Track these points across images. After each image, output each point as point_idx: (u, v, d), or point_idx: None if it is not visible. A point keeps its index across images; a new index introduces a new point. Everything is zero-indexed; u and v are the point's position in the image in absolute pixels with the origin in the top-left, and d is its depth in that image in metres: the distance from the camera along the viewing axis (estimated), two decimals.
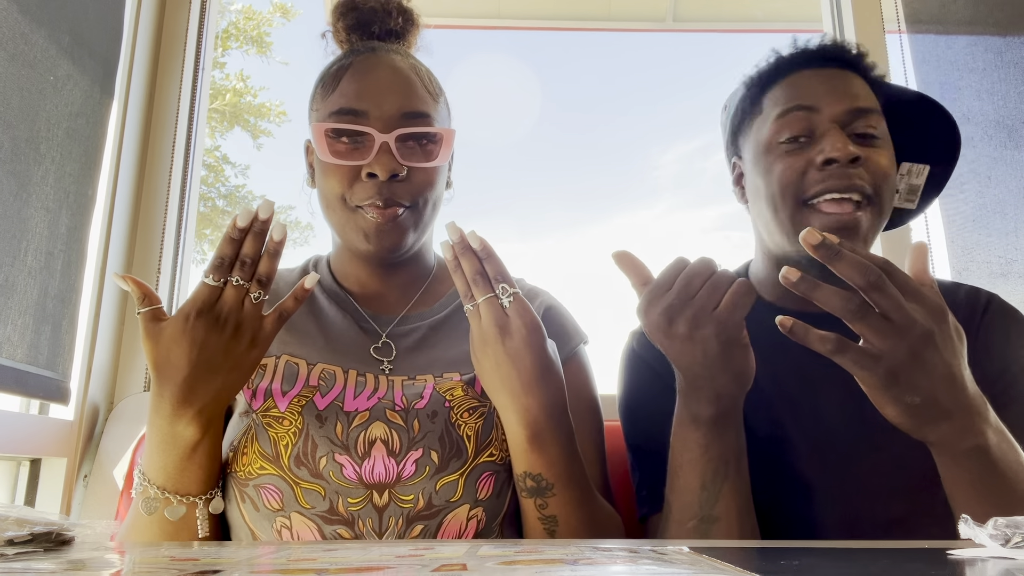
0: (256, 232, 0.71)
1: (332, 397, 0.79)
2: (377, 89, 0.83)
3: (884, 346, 0.64)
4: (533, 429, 0.74)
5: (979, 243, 1.50)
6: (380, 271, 0.90)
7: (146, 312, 0.70)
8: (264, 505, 0.75)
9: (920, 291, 0.65)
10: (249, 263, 0.71)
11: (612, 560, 0.43)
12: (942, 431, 0.66)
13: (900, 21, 1.68)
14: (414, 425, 0.77)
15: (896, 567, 0.44)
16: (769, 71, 0.89)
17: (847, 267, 0.64)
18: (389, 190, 0.81)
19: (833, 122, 0.82)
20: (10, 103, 1.06)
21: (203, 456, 0.74)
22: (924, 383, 0.64)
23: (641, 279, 0.76)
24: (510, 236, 15.97)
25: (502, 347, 0.73)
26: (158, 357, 0.69)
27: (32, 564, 0.43)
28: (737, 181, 0.96)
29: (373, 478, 0.74)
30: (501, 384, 0.74)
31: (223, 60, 7.64)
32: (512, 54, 12.69)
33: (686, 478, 0.76)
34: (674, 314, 0.71)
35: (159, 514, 0.73)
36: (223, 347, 0.70)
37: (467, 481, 0.77)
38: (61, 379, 1.21)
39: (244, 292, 0.71)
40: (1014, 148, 1.43)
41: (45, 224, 1.15)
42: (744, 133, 0.91)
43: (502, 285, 0.74)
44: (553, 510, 0.76)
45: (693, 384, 0.74)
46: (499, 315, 0.73)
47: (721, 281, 0.71)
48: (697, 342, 0.70)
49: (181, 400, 0.69)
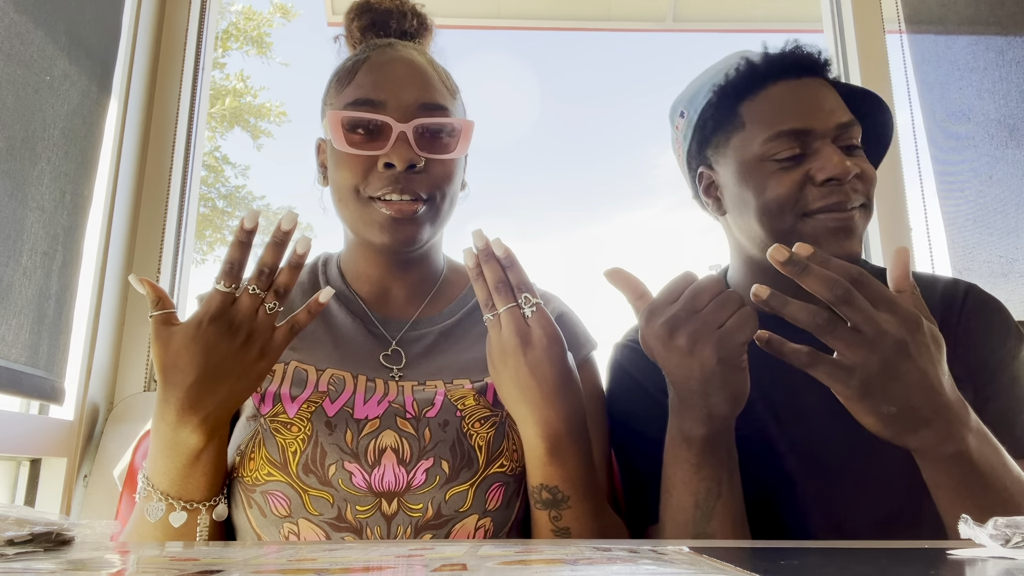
0: (277, 242, 0.71)
1: (342, 403, 0.78)
2: (395, 80, 0.82)
3: (856, 358, 0.64)
4: (553, 441, 0.73)
5: (980, 242, 1.50)
6: (391, 269, 0.89)
7: (158, 315, 0.70)
8: (272, 512, 0.74)
9: (893, 301, 0.65)
10: (267, 273, 0.70)
11: (612, 560, 0.43)
12: (922, 438, 0.66)
13: (900, 21, 1.68)
14: (425, 434, 0.77)
15: (896, 567, 0.44)
16: (742, 81, 0.87)
17: (815, 281, 0.65)
18: (406, 180, 0.80)
19: (824, 138, 0.82)
20: (6, 102, 1.06)
21: (207, 464, 0.73)
22: (899, 393, 0.65)
23: (636, 293, 0.76)
24: (509, 235, 15.87)
25: (523, 358, 0.72)
26: (166, 361, 0.68)
27: (32, 564, 0.43)
28: (707, 192, 0.94)
29: (383, 486, 0.74)
30: (521, 395, 0.73)
31: (223, 61, 7.64)
32: (512, 54, 12.70)
33: (679, 497, 0.75)
34: (677, 326, 0.70)
35: (162, 520, 0.72)
36: (233, 355, 0.69)
37: (477, 491, 0.76)
38: (56, 379, 1.21)
39: (259, 301, 0.70)
40: (1015, 147, 1.43)
41: (41, 224, 1.15)
42: (718, 145, 0.90)
43: (524, 295, 0.73)
44: (567, 522, 0.75)
45: (685, 402, 0.73)
46: (520, 325, 0.72)
47: (729, 300, 0.70)
48: (696, 357, 0.69)
49: (187, 406, 0.69)
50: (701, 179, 0.94)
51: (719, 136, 0.89)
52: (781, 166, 0.83)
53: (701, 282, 0.72)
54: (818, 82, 0.86)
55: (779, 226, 0.83)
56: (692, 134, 0.93)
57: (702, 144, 0.92)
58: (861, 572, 0.42)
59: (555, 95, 15.88)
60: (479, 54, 9.60)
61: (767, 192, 0.83)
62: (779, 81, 0.86)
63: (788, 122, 0.83)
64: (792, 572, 0.41)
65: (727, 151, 0.88)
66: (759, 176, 0.84)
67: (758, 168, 0.84)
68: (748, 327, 0.70)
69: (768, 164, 0.84)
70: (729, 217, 0.92)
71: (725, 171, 0.89)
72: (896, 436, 0.67)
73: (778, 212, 0.83)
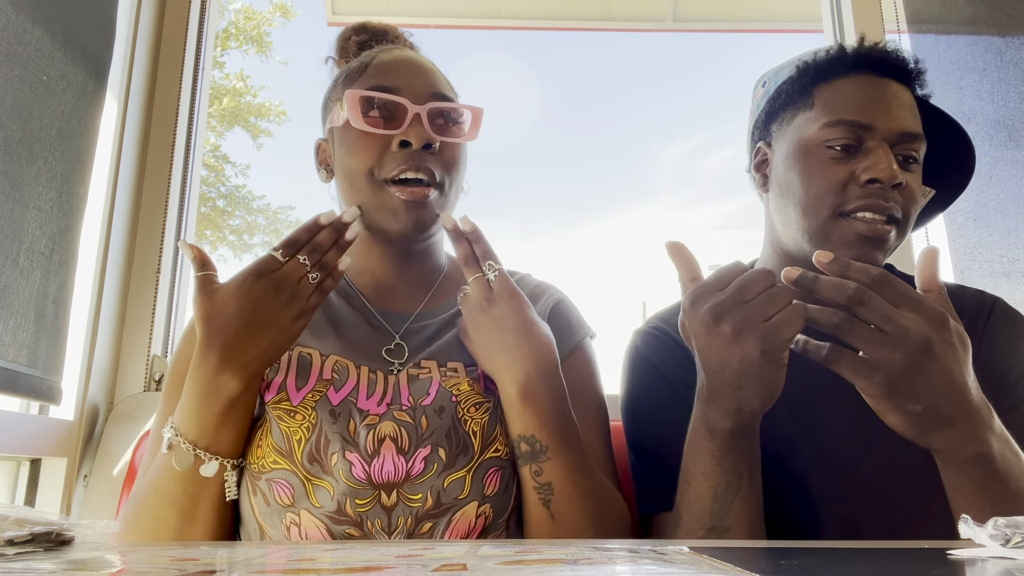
0: (335, 228, 0.78)
1: (346, 392, 0.80)
2: (406, 71, 0.86)
3: (879, 356, 0.64)
4: (524, 386, 0.77)
5: (981, 242, 1.50)
6: (396, 262, 0.90)
7: (203, 275, 0.76)
8: (275, 500, 0.75)
9: (918, 300, 0.65)
10: (319, 250, 0.77)
11: (612, 560, 0.43)
12: (946, 439, 0.66)
13: (900, 21, 1.68)
14: (422, 422, 0.78)
15: (896, 567, 0.44)
16: (828, 63, 0.87)
17: (823, 289, 0.66)
18: (421, 159, 0.82)
19: (883, 140, 0.82)
20: (3, 102, 1.06)
21: (239, 415, 0.77)
22: (924, 391, 0.64)
23: (691, 274, 0.76)
24: (510, 234, 15.96)
25: (489, 314, 0.79)
26: (212, 310, 0.74)
27: (32, 564, 0.43)
28: (759, 167, 0.94)
29: (382, 477, 0.75)
30: (494, 347, 0.79)
31: (222, 60, 7.63)
32: (512, 54, 12.69)
33: (698, 488, 0.75)
34: (723, 313, 0.69)
35: (187, 472, 0.75)
36: (275, 310, 0.74)
37: (474, 477, 0.77)
38: (53, 379, 1.21)
39: (305, 270, 0.76)
40: (1015, 148, 1.43)
41: (38, 224, 1.15)
42: (782, 120, 0.90)
43: (488, 263, 0.80)
44: (548, 476, 0.77)
45: (716, 392, 0.72)
46: (485, 289, 0.80)
47: (780, 295, 0.69)
48: (738, 347, 0.69)
49: (231, 350, 0.73)
50: (757, 153, 0.94)
51: (787, 111, 0.89)
52: (832, 155, 0.83)
53: (752, 273, 0.71)
54: (900, 87, 0.85)
55: (815, 219, 0.83)
56: (765, 105, 0.93)
57: (770, 116, 0.92)
58: (861, 572, 0.42)
59: (555, 95, 15.88)
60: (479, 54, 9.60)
61: (812, 180, 0.83)
62: (861, 73, 0.85)
63: (852, 113, 0.83)
64: (792, 572, 0.41)
65: (789, 128, 0.88)
66: (809, 160, 0.84)
67: (811, 152, 0.84)
68: (796, 323, 0.69)
69: (821, 151, 0.83)
70: (771, 197, 0.91)
71: (780, 149, 0.89)
72: (920, 436, 0.67)
73: (816, 204, 0.82)
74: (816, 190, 0.83)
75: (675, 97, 16.32)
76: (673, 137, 17.33)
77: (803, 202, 0.84)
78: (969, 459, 0.66)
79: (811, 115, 0.86)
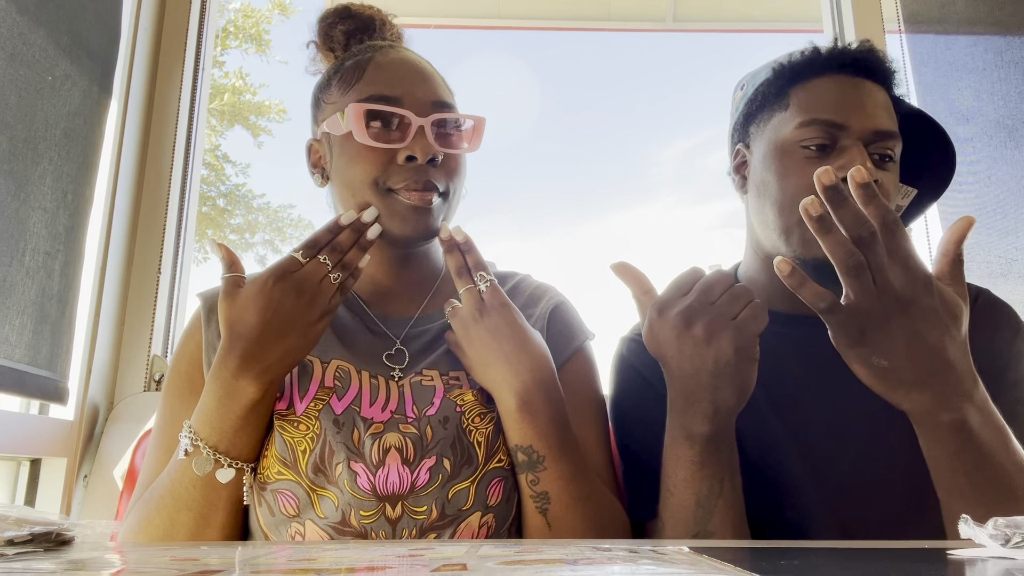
0: (355, 229, 0.78)
1: (349, 400, 0.79)
2: (406, 78, 0.85)
3: (860, 303, 0.65)
4: (522, 397, 0.76)
5: (979, 243, 1.50)
6: (394, 268, 0.90)
7: (230, 277, 0.75)
8: (280, 511, 0.75)
9: (909, 258, 0.65)
10: (340, 251, 0.77)
11: (612, 560, 0.43)
12: (914, 400, 0.67)
13: (900, 21, 1.68)
14: (427, 432, 0.77)
15: (896, 567, 0.44)
16: (803, 64, 0.87)
17: (848, 215, 0.65)
18: (426, 173, 0.82)
19: (857, 139, 0.82)
20: (8, 103, 1.06)
21: (258, 420, 0.76)
22: (891, 347, 0.66)
23: (642, 288, 0.78)
24: (510, 234, 15.96)
25: (482, 326, 0.78)
26: (233, 314, 0.73)
27: (32, 564, 0.43)
28: (738, 169, 0.95)
29: (387, 488, 0.74)
30: (489, 359, 0.78)
31: (222, 59, 7.63)
32: (512, 54, 12.70)
33: (680, 496, 0.75)
34: (693, 316, 0.71)
35: (207, 477, 0.74)
36: (296, 313, 0.73)
37: (478, 488, 0.77)
38: (59, 379, 1.21)
39: (326, 270, 0.76)
40: (1014, 148, 1.43)
41: (43, 224, 1.15)
42: (759, 122, 0.90)
43: (479, 274, 0.80)
44: (545, 485, 0.77)
45: (691, 398, 0.73)
46: (477, 300, 0.79)
47: (741, 293, 0.72)
48: (712, 347, 0.70)
49: (250, 354, 0.72)
50: (736, 155, 0.95)
51: (764, 113, 0.90)
52: (807, 155, 0.83)
53: (712, 275, 0.73)
54: (874, 87, 0.86)
55: (791, 219, 0.83)
56: (743, 107, 0.94)
57: (748, 118, 0.93)
58: (861, 572, 0.42)
59: (555, 95, 15.88)
60: (479, 54, 9.60)
61: (787, 179, 0.83)
62: (836, 74, 0.86)
63: (826, 112, 0.83)
64: (792, 572, 0.41)
65: (766, 129, 0.89)
66: (785, 161, 0.84)
67: (786, 152, 0.85)
68: (760, 318, 0.72)
69: (796, 151, 0.84)
70: (749, 198, 0.92)
71: (757, 150, 0.90)
72: (887, 392, 0.68)
73: (792, 203, 0.82)
74: (792, 190, 0.83)
75: (675, 96, 16.32)
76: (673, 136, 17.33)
77: (779, 202, 0.84)
78: (943, 425, 0.67)
79: (786, 116, 0.86)
